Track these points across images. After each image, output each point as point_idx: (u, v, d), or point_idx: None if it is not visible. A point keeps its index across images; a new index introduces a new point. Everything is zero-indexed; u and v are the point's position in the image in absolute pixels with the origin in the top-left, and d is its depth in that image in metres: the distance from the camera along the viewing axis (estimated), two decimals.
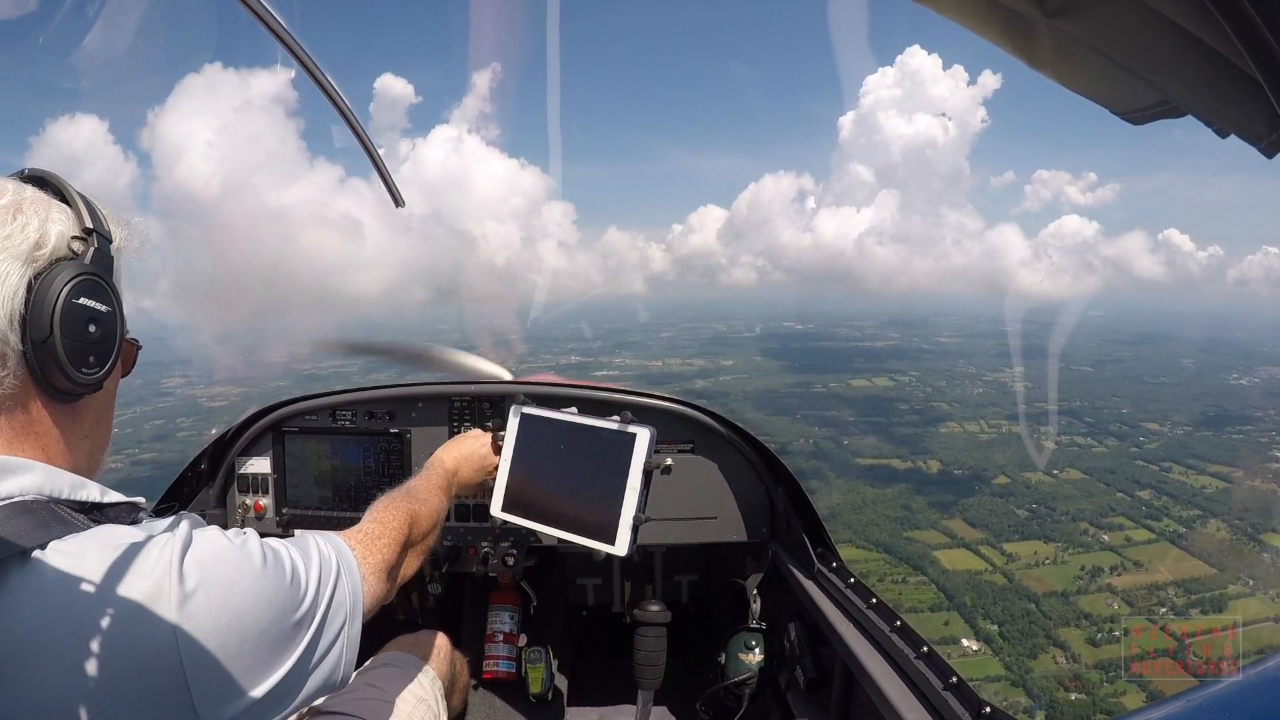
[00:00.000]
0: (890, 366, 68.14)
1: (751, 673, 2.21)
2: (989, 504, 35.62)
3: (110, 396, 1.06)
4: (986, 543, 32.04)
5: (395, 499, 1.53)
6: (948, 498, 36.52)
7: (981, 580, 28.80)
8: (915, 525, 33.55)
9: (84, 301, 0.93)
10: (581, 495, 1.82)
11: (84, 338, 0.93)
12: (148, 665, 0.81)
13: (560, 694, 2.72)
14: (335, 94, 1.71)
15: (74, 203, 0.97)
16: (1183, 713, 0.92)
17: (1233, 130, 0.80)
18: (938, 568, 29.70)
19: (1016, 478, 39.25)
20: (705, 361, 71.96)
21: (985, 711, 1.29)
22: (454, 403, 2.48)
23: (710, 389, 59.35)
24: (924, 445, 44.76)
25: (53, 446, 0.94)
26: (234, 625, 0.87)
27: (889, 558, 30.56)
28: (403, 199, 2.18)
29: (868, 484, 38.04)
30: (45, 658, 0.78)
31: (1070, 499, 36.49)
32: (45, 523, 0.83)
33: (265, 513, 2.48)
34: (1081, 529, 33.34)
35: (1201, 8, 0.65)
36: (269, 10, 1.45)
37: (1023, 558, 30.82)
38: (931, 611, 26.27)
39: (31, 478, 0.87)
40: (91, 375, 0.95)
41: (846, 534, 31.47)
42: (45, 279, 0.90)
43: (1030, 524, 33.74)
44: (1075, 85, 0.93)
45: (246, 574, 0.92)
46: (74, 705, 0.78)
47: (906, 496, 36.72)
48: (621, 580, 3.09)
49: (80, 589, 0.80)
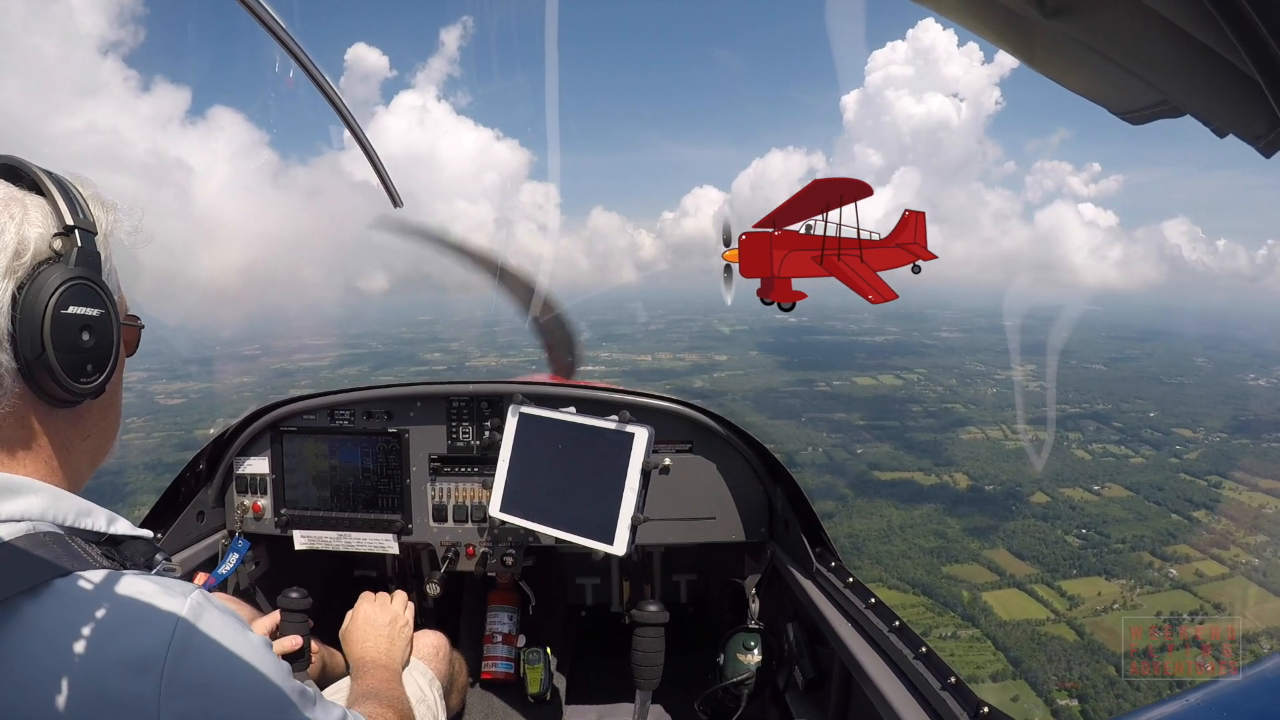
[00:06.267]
0: (894, 363, 64.16)
1: (750, 673, 2.20)
2: (1033, 529, 30.95)
3: (115, 389, 1.01)
4: (1040, 580, 27.22)
5: (380, 700, 1.58)
6: (985, 521, 31.73)
7: (1046, 634, 23.88)
8: (954, 558, 28.59)
9: (74, 310, 0.88)
10: (580, 495, 1.86)
11: (79, 348, 0.89)
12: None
13: (559, 694, 2.66)
14: (334, 94, 1.73)
15: (50, 194, 0.90)
16: (1182, 713, 0.91)
17: (1231, 130, 0.79)
18: (991, 618, 24.73)
19: (1056, 495, 34.67)
20: (697, 356, 67.57)
21: (983, 711, 1.29)
22: (452, 402, 2.49)
23: (708, 388, 55.24)
24: (946, 455, 40.11)
25: (54, 457, 0.92)
26: (225, 709, 0.84)
27: (931, 603, 25.57)
28: (401, 199, 2.23)
29: (892, 504, 33.08)
30: (37, 692, 0.77)
31: (1122, 522, 32.02)
32: (58, 557, 0.81)
33: (264, 514, 2.49)
34: (1145, 561, 28.77)
35: (1200, 8, 0.65)
36: (266, 9, 1.48)
37: (1086, 600, 26.04)
38: (994, 681, 21.18)
39: (36, 500, 0.86)
40: (90, 383, 0.92)
41: (876, 570, 26.39)
42: (30, 290, 0.85)
43: (1086, 555, 29.07)
44: (1074, 85, 0.93)
45: (249, 661, 0.87)
46: None
47: (938, 520, 31.81)
48: (620, 580, 3.09)
49: (84, 633, 0.79)
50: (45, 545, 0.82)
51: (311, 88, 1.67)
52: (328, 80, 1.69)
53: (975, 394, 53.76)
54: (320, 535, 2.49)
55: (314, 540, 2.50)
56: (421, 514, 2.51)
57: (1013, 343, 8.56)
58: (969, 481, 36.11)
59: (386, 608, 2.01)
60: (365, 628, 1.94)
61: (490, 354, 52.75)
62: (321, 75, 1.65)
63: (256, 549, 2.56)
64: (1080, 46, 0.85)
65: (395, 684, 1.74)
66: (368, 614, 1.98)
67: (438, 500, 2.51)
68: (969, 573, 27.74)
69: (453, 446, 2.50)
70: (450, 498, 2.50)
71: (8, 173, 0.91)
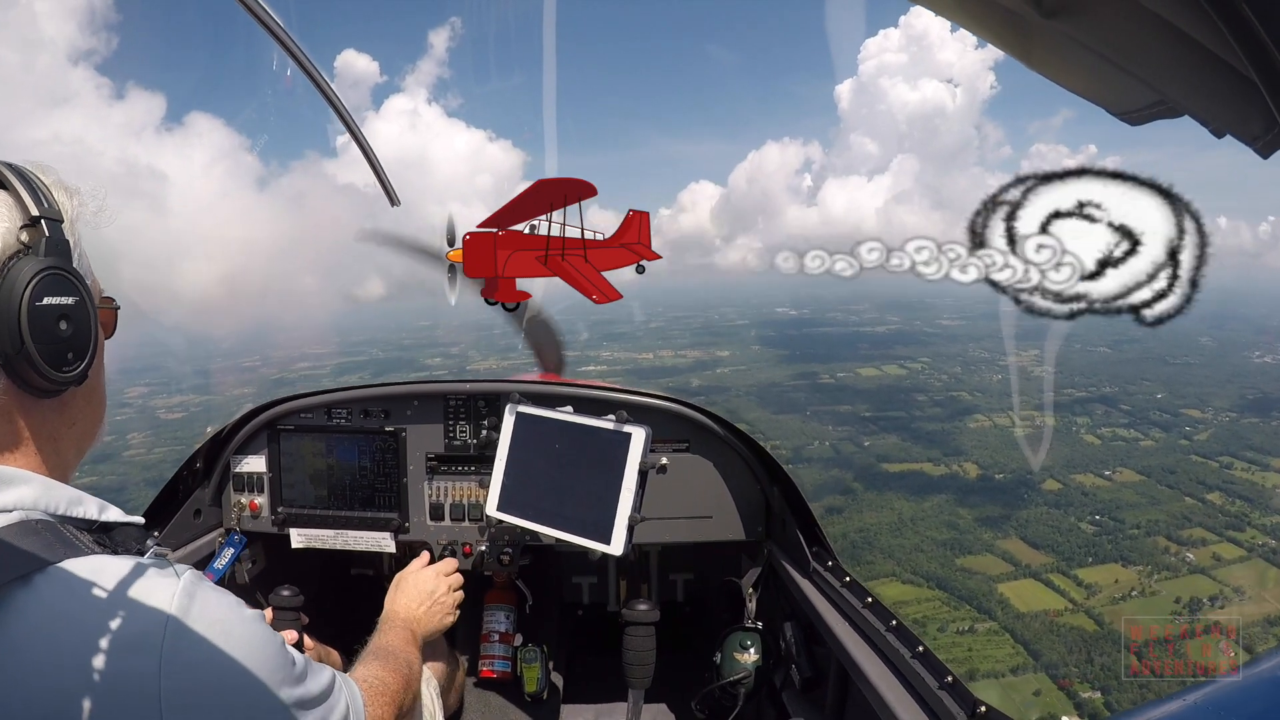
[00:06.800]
0: (898, 353, 63.78)
1: (747, 672, 2.18)
2: (1046, 517, 30.57)
3: (97, 374, 1.02)
4: (1056, 569, 26.83)
5: (387, 661, 1.59)
6: (997, 510, 31.34)
7: (1064, 625, 23.47)
8: (967, 549, 28.20)
9: (49, 301, 0.89)
10: (577, 494, 1.90)
11: (58, 338, 0.90)
12: (127, 707, 0.80)
13: (556, 692, 2.67)
14: (333, 96, 1.76)
15: (11, 186, 0.91)
16: (1182, 712, 0.91)
17: (1229, 131, 0.80)
18: (1008, 610, 24.34)
19: (1068, 481, 34.29)
20: (699, 353, 67.13)
21: (980, 710, 1.28)
22: (449, 401, 2.48)
23: (709, 384, 54.78)
24: (955, 444, 39.71)
25: (42, 446, 0.94)
26: (223, 682, 0.86)
27: (946, 596, 25.20)
28: (398, 198, 2.28)
29: (902, 496, 32.68)
30: (34, 678, 0.79)
31: (1136, 507, 31.63)
32: (50, 544, 0.83)
33: (260, 512, 2.49)
34: (1161, 546, 28.36)
35: (1197, 9, 0.65)
36: (267, 11, 1.49)
37: (1103, 588, 25.67)
38: (1014, 675, 20.78)
39: (29, 490, 0.87)
40: (73, 371, 0.93)
41: (889, 565, 26.03)
42: (3, 286, 0.86)
43: (1101, 542, 28.68)
44: (1072, 85, 0.93)
45: (244, 635, 0.90)
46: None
47: (949, 511, 31.41)
48: (617, 579, 3.07)
49: (80, 617, 0.80)
50: (37, 533, 0.83)
51: (305, 92, 1.71)
52: (327, 81, 1.68)
53: (981, 381, 53.36)
54: (317, 533, 2.50)
55: (311, 538, 2.50)
56: (419, 513, 2.51)
57: (1005, 329, 8.34)
58: (979, 471, 35.72)
59: (438, 578, 2.08)
60: (411, 587, 2.02)
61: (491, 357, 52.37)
62: (320, 76, 1.66)
63: (253, 547, 2.57)
64: (1078, 46, 0.84)
65: (410, 646, 1.76)
66: (419, 578, 2.07)
67: (435, 499, 2.51)
68: (983, 564, 27.35)
69: (450, 445, 2.50)
70: (447, 496, 2.51)
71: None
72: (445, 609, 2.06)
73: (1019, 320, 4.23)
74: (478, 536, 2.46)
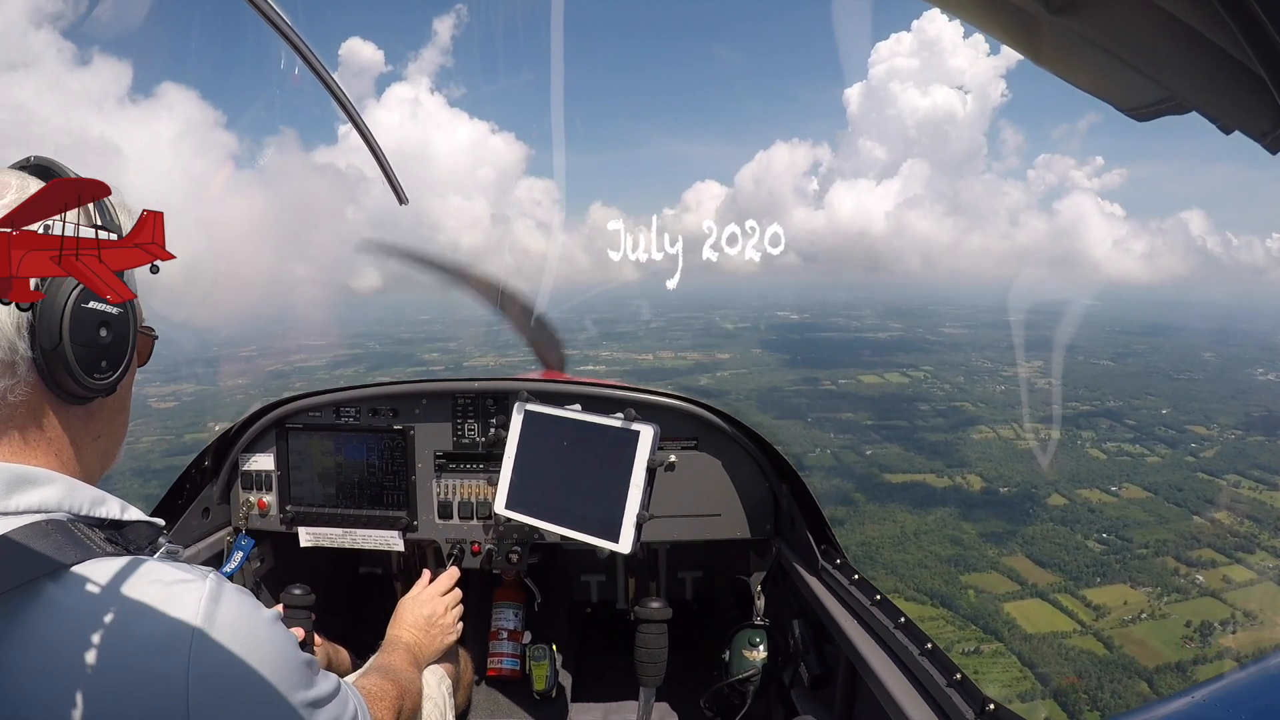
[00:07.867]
0: (900, 360, 63.16)
1: (755, 670, 2.18)
2: (1052, 534, 29.90)
3: (125, 392, 1.03)
4: (1063, 589, 26.13)
5: (387, 674, 1.64)
6: (1001, 525, 30.66)
7: (1074, 648, 22.77)
8: (972, 566, 27.49)
9: (94, 305, 0.91)
10: (585, 492, 1.92)
11: (95, 343, 0.92)
12: (154, 709, 0.81)
13: (564, 691, 2.67)
14: (340, 93, 1.76)
15: None
16: (1182, 711, 0.91)
17: (1237, 127, 0.80)
18: (1015, 631, 23.61)
19: (1073, 496, 33.66)
20: (700, 355, 66.46)
21: (989, 708, 1.29)
22: (457, 399, 2.49)
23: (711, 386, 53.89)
24: (958, 455, 39.05)
25: (65, 451, 0.94)
26: (247, 682, 0.87)
27: (951, 615, 24.46)
28: (406, 196, 2.30)
29: (905, 509, 31.97)
30: (53, 685, 0.78)
31: (1144, 525, 31.00)
32: (60, 547, 0.83)
33: (269, 510, 2.50)
34: (1170, 567, 27.69)
35: (1206, 4, 0.65)
36: (275, 9, 1.49)
37: (1112, 610, 24.98)
38: (1022, 702, 20.05)
39: (53, 490, 0.88)
40: (104, 380, 0.94)
41: (891, 581, 25.30)
42: (53, 282, 0.87)
43: (1108, 561, 28.00)
44: (1080, 82, 0.93)
45: (266, 638, 0.91)
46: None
47: (953, 525, 30.71)
48: (625, 577, 3.10)
49: (107, 619, 0.81)
50: (56, 534, 0.83)
51: (312, 89, 1.72)
52: (334, 78, 1.72)
53: (984, 391, 52.79)
54: (325, 532, 2.51)
55: (319, 537, 2.51)
56: (427, 511, 2.51)
57: (1018, 338, 8.05)
58: (983, 483, 35.06)
59: (434, 600, 2.10)
60: (409, 614, 2.05)
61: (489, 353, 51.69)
62: (328, 73, 1.69)
63: (261, 546, 2.57)
64: (1086, 43, 0.84)
65: (410, 667, 1.81)
66: (417, 604, 2.08)
67: (443, 497, 2.51)
68: (988, 582, 26.63)
69: (458, 443, 2.50)
70: (455, 494, 2.51)
71: (41, 173, 0.93)
72: (446, 630, 2.08)
73: (1024, 331, 3.86)
74: (486, 535, 2.48)
